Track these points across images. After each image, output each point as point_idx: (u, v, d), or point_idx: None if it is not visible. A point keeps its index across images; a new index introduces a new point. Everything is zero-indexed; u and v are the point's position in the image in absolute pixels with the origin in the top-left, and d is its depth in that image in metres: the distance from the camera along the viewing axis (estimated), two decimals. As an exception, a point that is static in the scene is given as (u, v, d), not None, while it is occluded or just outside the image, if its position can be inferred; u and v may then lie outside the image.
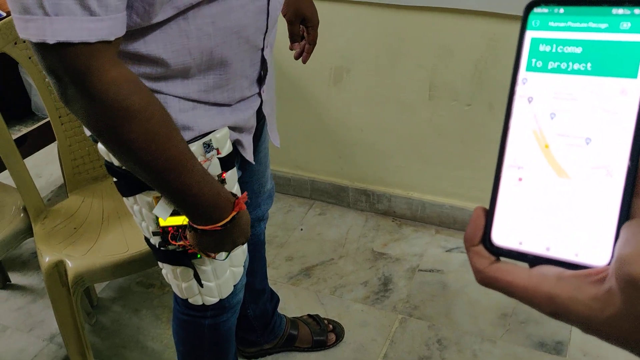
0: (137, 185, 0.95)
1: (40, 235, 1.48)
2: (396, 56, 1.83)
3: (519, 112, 0.34)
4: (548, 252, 0.32)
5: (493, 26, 1.66)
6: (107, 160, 0.96)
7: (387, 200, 2.13)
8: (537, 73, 0.34)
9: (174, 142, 0.81)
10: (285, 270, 1.96)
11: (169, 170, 0.81)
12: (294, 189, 2.29)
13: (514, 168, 0.34)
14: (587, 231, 0.31)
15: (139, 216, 1.01)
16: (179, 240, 0.95)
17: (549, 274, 0.31)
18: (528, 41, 0.35)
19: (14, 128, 2.73)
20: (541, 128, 0.33)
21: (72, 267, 1.38)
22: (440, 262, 1.95)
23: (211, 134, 0.93)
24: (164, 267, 1.08)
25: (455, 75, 1.79)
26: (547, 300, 0.30)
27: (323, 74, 1.96)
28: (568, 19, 0.33)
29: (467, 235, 0.35)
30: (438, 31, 1.74)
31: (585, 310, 0.29)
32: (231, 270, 1.07)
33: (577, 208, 0.32)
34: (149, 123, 0.77)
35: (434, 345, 1.67)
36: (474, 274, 0.34)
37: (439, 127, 1.91)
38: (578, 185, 0.32)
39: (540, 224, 0.33)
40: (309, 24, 1.29)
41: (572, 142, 0.32)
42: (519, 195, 0.34)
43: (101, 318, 1.84)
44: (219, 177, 0.96)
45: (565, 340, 1.64)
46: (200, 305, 1.11)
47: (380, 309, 1.80)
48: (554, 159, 0.33)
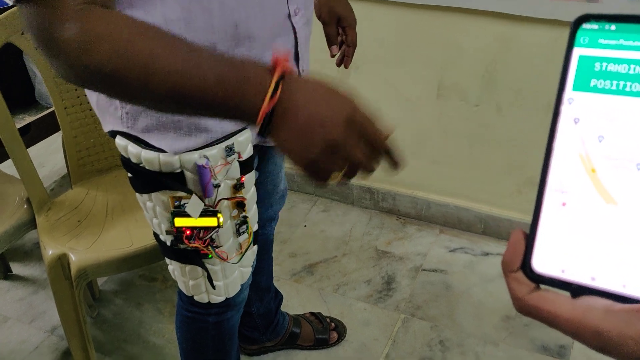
0: (153, 184, 0.93)
1: (44, 227, 1.47)
2: (405, 54, 1.82)
3: (564, 133, 0.33)
4: (593, 282, 0.31)
5: (504, 27, 1.64)
6: (123, 155, 0.94)
7: (392, 198, 2.12)
8: (585, 93, 0.33)
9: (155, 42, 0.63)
10: (288, 267, 1.95)
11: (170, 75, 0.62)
12: (297, 185, 2.28)
13: (558, 192, 0.33)
14: (636, 261, 0.30)
15: (151, 213, 0.99)
16: (193, 241, 0.94)
17: (596, 306, 0.29)
18: (576, 59, 0.33)
19: (17, 117, 2.71)
20: (587, 151, 0.32)
21: (75, 260, 1.36)
22: (444, 262, 1.94)
23: (233, 137, 0.91)
24: (171, 263, 1.07)
25: (464, 75, 1.77)
26: (594, 335, 0.29)
27: (332, 70, 1.94)
28: (620, 36, 0.32)
29: (506, 259, 0.33)
30: (448, 31, 1.72)
31: (636, 348, 0.27)
32: (240, 270, 1.07)
33: (624, 236, 0.30)
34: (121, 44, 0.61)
35: (436, 347, 1.66)
36: (512, 301, 0.33)
37: (446, 126, 1.89)
38: (626, 212, 0.30)
39: (585, 252, 0.31)
40: (345, 23, 1.22)
41: (621, 166, 0.31)
42: (563, 221, 0.32)
43: (103, 311, 1.83)
44: (238, 181, 0.94)
45: (569, 344, 1.63)
46: (205, 303, 1.10)
47: (383, 308, 1.79)
48: (600, 184, 0.31)
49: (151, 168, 0.90)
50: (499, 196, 1.93)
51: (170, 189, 0.92)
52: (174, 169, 0.90)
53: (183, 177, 0.91)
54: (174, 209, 0.93)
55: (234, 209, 0.97)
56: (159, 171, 0.90)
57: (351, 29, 1.23)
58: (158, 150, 0.89)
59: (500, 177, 1.89)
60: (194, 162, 0.89)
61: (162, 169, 0.90)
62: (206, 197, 0.91)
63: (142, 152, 0.90)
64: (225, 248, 0.98)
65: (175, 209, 0.93)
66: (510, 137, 1.79)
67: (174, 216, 0.93)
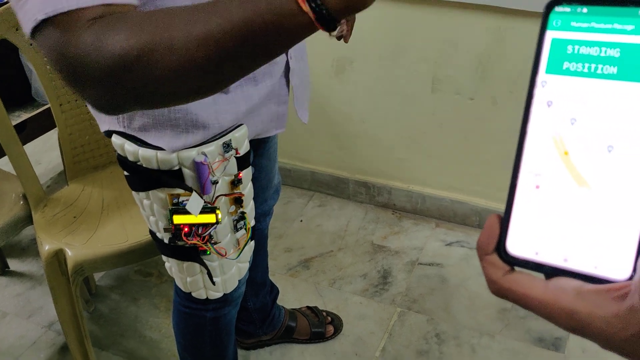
0: (151, 181, 0.93)
1: (40, 224, 1.47)
2: (400, 48, 1.82)
3: (537, 116, 0.33)
4: (566, 264, 0.31)
5: (498, 20, 1.65)
6: (120, 154, 0.94)
7: (388, 192, 2.12)
8: (558, 76, 0.33)
9: (199, 25, 0.55)
10: (284, 262, 1.95)
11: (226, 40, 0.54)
12: (293, 180, 2.28)
13: (531, 175, 0.33)
14: (608, 243, 0.30)
15: (148, 211, 0.99)
16: (192, 237, 0.94)
17: (568, 287, 0.30)
18: (548, 42, 0.33)
19: (13, 114, 2.71)
20: (560, 134, 0.32)
21: (71, 256, 1.37)
22: (440, 255, 1.95)
23: (230, 133, 0.91)
24: (168, 261, 1.07)
25: (459, 69, 1.78)
26: (565, 316, 0.29)
27: (326, 65, 1.95)
28: (591, 19, 0.32)
29: (481, 243, 0.34)
30: (442, 24, 1.72)
31: (606, 327, 0.28)
32: (237, 266, 1.07)
33: (597, 218, 0.31)
34: (163, 48, 0.55)
35: (432, 339, 1.67)
36: (487, 284, 0.33)
37: (441, 120, 1.90)
38: (598, 194, 0.31)
39: (558, 234, 0.32)
40: None
41: (594, 149, 0.31)
42: (536, 203, 0.33)
43: (100, 306, 1.83)
44: (236, 177, 0.95)
45: (564, 336, 1.64)
46: (203, 299, 1.10)
47: (379, 301, 1.79)
48: (573, 167, 0.32)
49: (149, 166, 0.90)
50: (495, 189, 1.93)
51: (169, 187, 0.92)
52: (172, 166, 0.90)
53: (181, 174, 0.91)
54: (172, 207, 0.93)
55: (232, 205, 0.97)
56: (157, 169, 0.90)
57: None
58: (155, 148, 0.89)
59: (496, 170, 1.89)
60: (192, 159, 0.89)
61: (160, 167, 0.90)
62: (204, 193, 0.91)
63: (139, 150, 0.90)
64: (223, 244, 0.98)
65: (173, 206, 0.93)
66: (506, 130, 1.79)
67: (172, 213, 0.93)
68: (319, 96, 2.03)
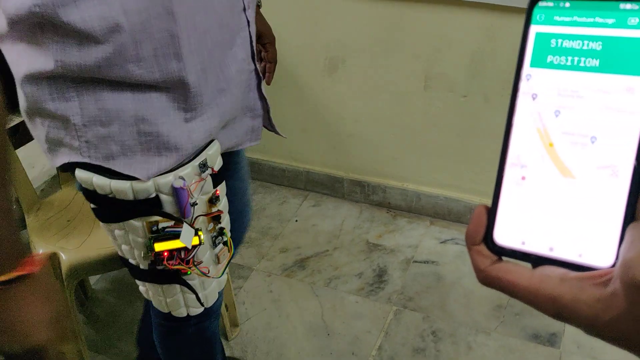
0: (124, 212, 0.88)
1: (34, 228, 1.47)
2: (392, 47, 1.82)
3: (522, 109, 0.34)
4: (551, 253, 0.31)
5: (490, 18, 1.65)
6: (86, 187, 0.88)
7: (382, 191, 2.12)
8: (542, 69, 0.33)
9: None
10: (280, 262, 1.95)
11: None
12: (288, 180, 2.28)
13: (517, 166, 0.33)
14: (592, 232, 0.31)
15: (121, 240, 0.93)
16: (174, 261, 0.89)
17: (552, 275, 0.30)
18: (532, 36, 0.34)
19: (5, 118, 2.71)
20: (545, 126, 0.33)
21: (65, 259, 1.36)
22: (435, 253, 1.95)
23: (204, 152, 0.88)
24: (144, 285, 1.02)
25: (451, 66, 1.78)
26: (550, 302, 0.30)
27: (318, 63, 1.95)
28: (574, 13, 0.32)
29: (469, 233, 0.34)
30: (434, 22, 1.73)
31: (589, 312, 0.28)
32: (217, 280, 1.04)
33: (581, 208, 0.31)
34: None
35: (428, 337, 1.67)
36: (475, 273, 0.33)
37: (434, 118, 1.90)
38: (582, 184, 0.31)
39: (544, 224, 0.32)
40: (266, 40, 1.22)
41: (577, 140, 0.31)
42: (522, 194, 0.33)
43: (95, 310, 1.83)
44: (213, 195, 0.91)
45: (560, 332, 1.64)
46: (184, 317, 1.06)
47: (375, 300, 1.80)
48: (558, 158, 0.32)
49: (124, 197, 0.85)
50: (488, 186, 1.93)
51: (146, 215, 0.87)
52: (149, 194, 0.85)
53: (159, 200, 0.86)
54: (151, 235, 0.89)
55: (210, 222, 0.94)
56: (134, 199, 0.86)
57: (272, 45, 1.24)
58: (126, 177, 0.84)
59: (489, 167, 1.90)
60: (170, 184, 0.85)
61: (137, 197, 0.85)
62: (185, 217, 0.88)
63: (111, 183, 0.84)
64: (205, 263, 0.95)
65: (152, 234, 0.89)
66: (498, 127, 1.80)
67: (153, 242, 0.88)
68: (312, 96, 2.03)
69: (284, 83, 2.03)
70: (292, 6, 1.85)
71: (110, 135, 0.83)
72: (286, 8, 1.86)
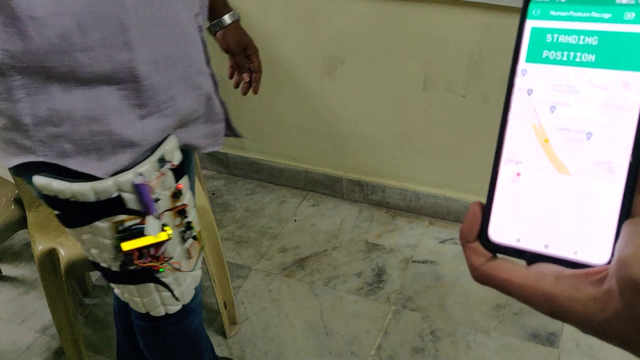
0: (89, 214, 0.87)
1: (34, 223, 1.47)
2: (391, 47, 1.82)
3: (517, 104, 0.33)
4: (546, 250, 0.31)
5: (488, 17, 1.65)
6: (46, 194, 0.86)
7: (381, 191, 2.12)
8: (537, 64, 0.33)
9: None
10: (279, 262, 1.95)
11: None
12: (287, 179, 2.28)
13: (512, 163, 0.33)
14: (587, 229, 0.30)
15: (89, 244, 0.93)
16: (145, 259, 0.90)
17: (548, 272, 0.30)
18: (528, 31, 0.33)
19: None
20: (541, 121, 0.32)
21: (64, 255, 1.37)
22: (434, 253, 1.95)
23: (161, 147, 0.88)
24: (118, 287, 1.02)
25: (450, 66, 1.78)
26: (545, 300, 0.29)
27: (317, 64, 1.95)
28: (570, 8, 0.32)
29: (463, 231, 0.34)
30: (433, 22, 1.72)
31: (584, 310, 0.28)
32: (191, 275, 1.03)
33: (576, 205, 0.31)
34: None
35: (427, 337, 1.67)
36: (470, 270, 0.33)
37: (433, 118, 1.90)
38: (578, 181, 0.31)
39: (539, 221, 0.32)
40: (250, 51, 1.24)
41: (573, 136, 0.31)
42: (517, 191, 0.33)
43: (94, 310, 1.83)
44: (176, 189, 0.91)
45: (558, 331, 1.64)
46: (162, 316, 1.06)
47: (374, 300, 1.79)
48: (553, 154, 0.32)
49: (86, 200, 0.85)
50: (487, 186, 1.94)
51: (110, 215, 0.87)
52: (111, 194, 0.85)
53: (121, 200, 0.86)
54: (118, 234, 0.88)
55: (176, 217, 0.94)
56: (97, 200, 0.85)
57: (256, 55, 1.26)
58: (84, 176, 0.84)
59: (489, 167, 1.89)
60: (130, 182, 0.85)
61: (99, 197, 0.84)
62: (150, 213, 0.88)
63: (71, 186, 0.83)
64: (176, 258, 0.95)
65: (118, 233, 0.88)
66: (497, 127, 1.80)
67: (120, 241, 0.88)
68: (311, 95, 2.03)
69: (283, 83, 2.03)
70: (291, 6, 1.85)
71: (62, 134, 0.81)
72: (286, 8, 1.86)
